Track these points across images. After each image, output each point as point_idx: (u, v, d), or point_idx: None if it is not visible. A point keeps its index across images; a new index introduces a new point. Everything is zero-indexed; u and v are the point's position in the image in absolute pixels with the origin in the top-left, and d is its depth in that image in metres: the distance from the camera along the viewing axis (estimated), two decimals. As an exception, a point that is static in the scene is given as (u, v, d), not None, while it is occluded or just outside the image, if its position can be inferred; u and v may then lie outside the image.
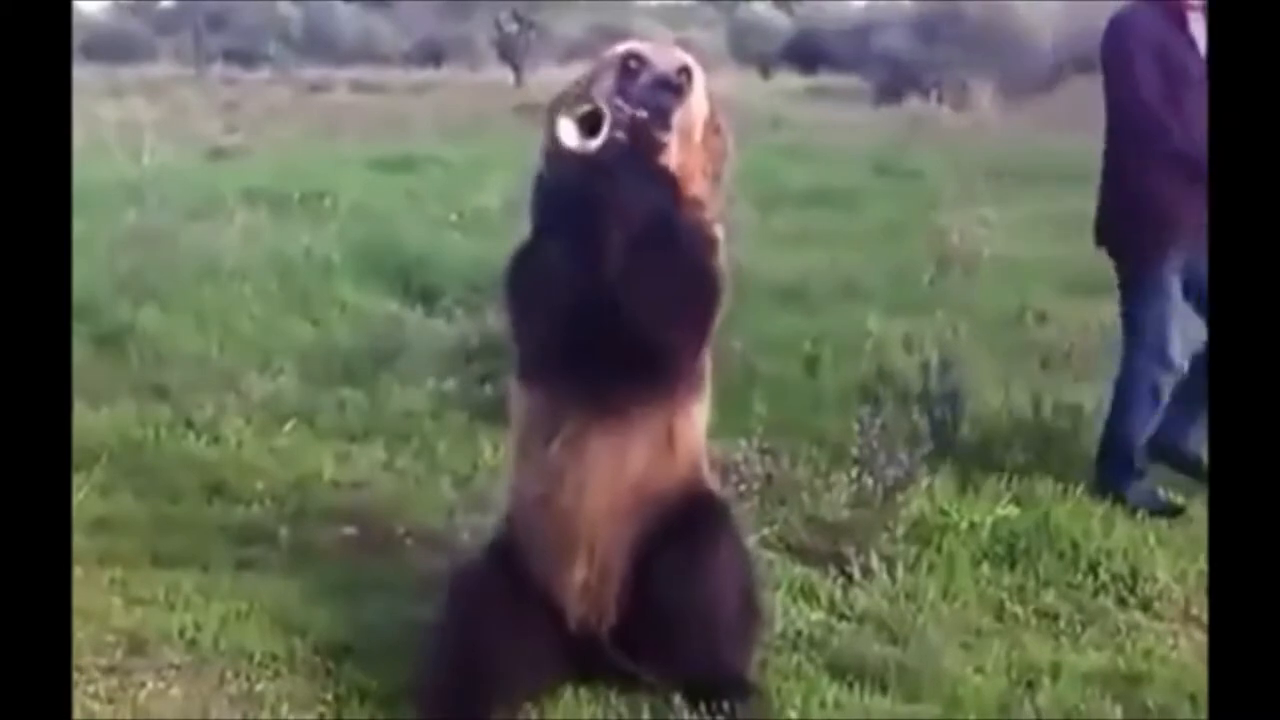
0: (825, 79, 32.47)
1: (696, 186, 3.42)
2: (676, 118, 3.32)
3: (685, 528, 3.50)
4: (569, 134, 3.19)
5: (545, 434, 3.43)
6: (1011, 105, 22.55)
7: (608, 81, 3.37)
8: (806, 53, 37.44)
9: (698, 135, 3.42)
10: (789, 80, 34.10)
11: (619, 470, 3.42)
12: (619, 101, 3.25)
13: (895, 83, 26.30)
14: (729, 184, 3.55)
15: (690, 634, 3.49)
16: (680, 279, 3.31)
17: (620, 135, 3.21)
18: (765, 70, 37.74)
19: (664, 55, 3.42)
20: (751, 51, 39.28)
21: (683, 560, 3.48)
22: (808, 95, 28.88)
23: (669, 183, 3.33)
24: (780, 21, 41.99)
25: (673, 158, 3.34)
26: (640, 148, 3.26)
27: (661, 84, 3.31)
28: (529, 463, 3.50)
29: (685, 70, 3.39)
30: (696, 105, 3.43)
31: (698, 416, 3.56)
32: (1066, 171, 13.05)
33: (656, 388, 3.39)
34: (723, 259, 3.47)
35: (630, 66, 3.37)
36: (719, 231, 3.49)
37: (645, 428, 3.42)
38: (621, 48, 3.46)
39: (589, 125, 3.19)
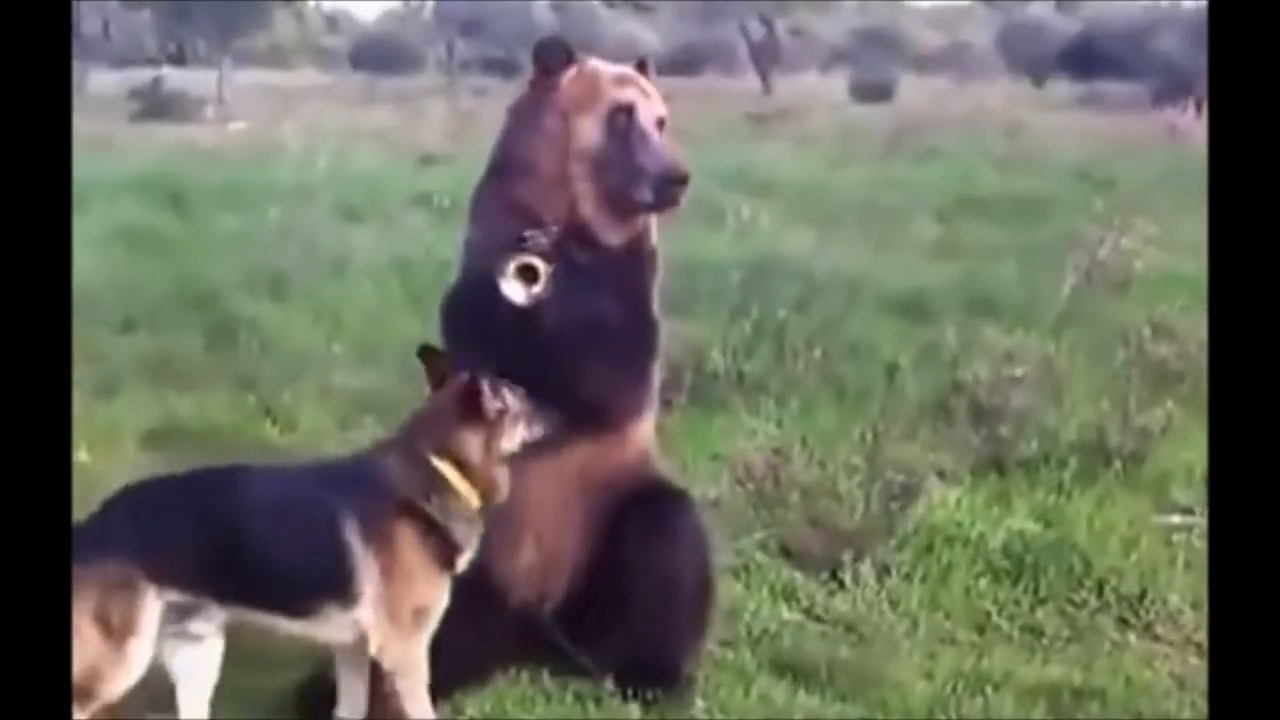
0: (1101, 86, 31.41)
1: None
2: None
3: (643, 516, 3.62)
4: (514, 291, 3.35)
5: None
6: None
7: (595, 131, 3.54)
8: (1083, 57, 36.15)
9: None
10: (1061, 87, 33.10)
11: (560, 459, 3.53)
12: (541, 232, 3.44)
13: (1170, 89, 25.44)
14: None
15: (633, 620, 3.60)
16: (615, 343, 3.50)
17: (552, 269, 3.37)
18: (1039, 79, 36.42)
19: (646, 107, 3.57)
20: (1024, 55, 38.08)
21: (636, 548, 3.59)
22: (1077, 103, 28.07)
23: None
24: (1057, 24, 40.66)
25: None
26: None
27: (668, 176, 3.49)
28: None
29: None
30: None
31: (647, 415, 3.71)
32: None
33: (593, 430, 3.55)
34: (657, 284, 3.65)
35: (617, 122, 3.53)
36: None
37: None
38: (610, 93, 3.56)
39: (528, 276, 3.36)
